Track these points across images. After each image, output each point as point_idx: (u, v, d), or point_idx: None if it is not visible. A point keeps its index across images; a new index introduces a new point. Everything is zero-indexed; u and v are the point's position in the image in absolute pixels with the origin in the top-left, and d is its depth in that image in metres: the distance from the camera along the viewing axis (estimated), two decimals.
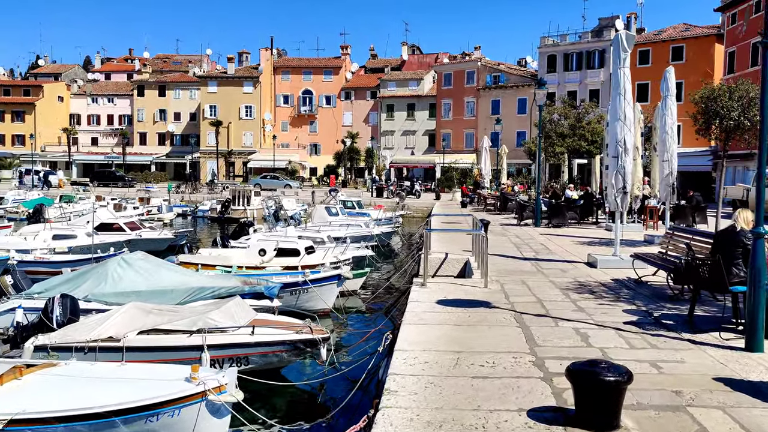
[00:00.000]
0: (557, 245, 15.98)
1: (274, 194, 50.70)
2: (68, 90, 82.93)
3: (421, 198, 49.88)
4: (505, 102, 60.42)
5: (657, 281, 10.35)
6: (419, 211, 43.47)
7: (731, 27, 40.29)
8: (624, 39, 12.06)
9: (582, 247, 15.53)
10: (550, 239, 17.45)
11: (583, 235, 18.60)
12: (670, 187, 16.26)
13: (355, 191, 56.63)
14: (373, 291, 18.55)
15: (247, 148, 74.18)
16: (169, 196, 46.98)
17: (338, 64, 76.71)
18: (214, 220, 41.72)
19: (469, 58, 67.50)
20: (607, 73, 53.30)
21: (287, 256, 18.39)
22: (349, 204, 35.12)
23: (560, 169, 37.71)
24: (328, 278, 14.66)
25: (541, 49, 57.83)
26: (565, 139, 30.84)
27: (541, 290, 9.73)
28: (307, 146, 75.99)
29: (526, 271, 11.89)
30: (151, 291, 12.28)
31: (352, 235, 24.56)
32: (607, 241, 16.79)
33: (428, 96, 70.03)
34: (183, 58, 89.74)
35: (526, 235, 18.72)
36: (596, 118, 31.29)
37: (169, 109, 78.89)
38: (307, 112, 75.93)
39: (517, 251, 14.83)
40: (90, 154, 78.82)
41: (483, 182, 40.28)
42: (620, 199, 12.32)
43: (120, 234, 23.93)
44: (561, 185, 31.11)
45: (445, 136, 64.12)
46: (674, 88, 16.31)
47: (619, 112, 12.16)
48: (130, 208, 38.92)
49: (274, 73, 76.44)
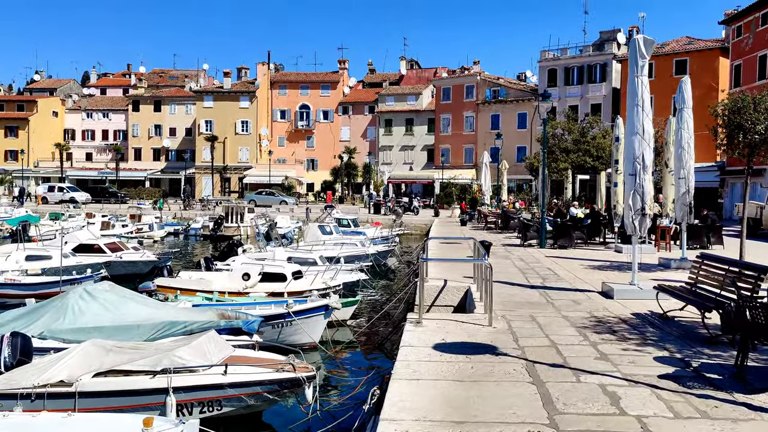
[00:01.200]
0: (565, 270, 14.69)
1: (268, 211, 49.51)
2: (63, 105, 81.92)
3: (420, 214, 48.63)
4: (505, 117, 59.37)
5: (686, 317, 9.06)
6: (417, 228, 42.24)
7: (737, 40, 39.25)
8: (642, 44, 10.86)
9: (593, 273, 14.24)
10: (557, 262, 16.17)
11: (592, 258, 17.32)
12: (687, 206, 15.02)
13: (352, 207, 55.41)
14: (369, 317, 17.24)
15: (243, 163, 73.06)
16: (160, 213, 45.67)
17: (336, 78, 75.81)
18: (206, 238, 40.46)
19: (468, 72, 66.59)
20: (609, 87, 52.31)
21: (273, 281, 17.12)
22: (344, 222, 33.89)
23: (563, 185, 36.52)
24: (314, 309, 13.34)
25: (542, 63, 56.86)
26: (569, 155, 29.63)
27: (554, 329, 8.44)
28: (304, 161, 74.88)
29: (535, 302, 10.59)
30: (116, 327, 10.99)
31: (346, 255, 23.28)
32: (618, 265, 15.52)
33: (427, 111, 69.03)
34: (179, 73, 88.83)
35: (530, 257, 17.43)
36: (601, 133, 30.11)
37: (165, 124, 77.83)
38: (304, 127, 74.91)
39: (522, 277, 13.54)
40: (84, 169, 77.60)
41: (483, 198, 39.06)
42: (639, 221, 11.06)
43: (99, 255, 22.63)
44: (564, 202, 29.88)
45: (444, 152, 63.04)
46: (690, 100, 15.11)
47: (637, 124, 10.92)
48: (118, 226, 37.73)
49: (271, 87, 75.51)
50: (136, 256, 23.71)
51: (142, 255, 23.98)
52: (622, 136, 19.58)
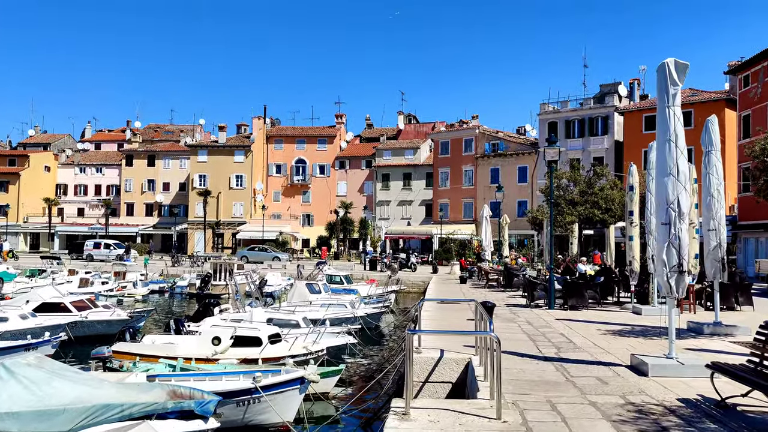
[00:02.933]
0: (582, 336, 12.66)
1: (259, 267, 47.45)
2: (56, 159, 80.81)
3: (418, 271, 46.51)
4: (505, 170, 57.95)
5: (754, 406, 7.03)
6: (415, 285, 40.15)
7: (744, 90, 38.03)
8: (673, 68, 9.16)
9: (614, 340, 12.21)
10: (570, 327, 14.13)
11: (609, 321, 15.29)
12: (719, 262, 13.11)
13: (348, 264, 53.41)
14: (356, 388, 15.09)
15: (237, 218, 71.36)
16: (145, 270, 43.62)
17: (332, 133, 74.87)
18: (192, 297, 38.26)
19: (467, 125, 65.61)
20: (611, 140, 51.07)
21: (246, 346, 15.05)
22: (335, 279, 31.86)
23: (567, 240, 34.62)
24: (287, 383, 11.26)
25: (541, 116, 55.78)
26: (576, 207, 27.86)
27: (582, 424, 6.41)
28: (300, 216, 73.24)
29: (552, 381, 8.55)
30: (35, 412, 8.90)
31: (333, 317, 21.22)
32: (641, 330, 13.51)
33: (425, 165, 67.77)
34: (175, 128, 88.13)
35: (539, 320, 15.39)
36: (609, 183, 28.44)
37: (158, 179, 76.55)
38: (300, 181, 73.55)
39: (532, 345, 11.50)
40: (74, 225, 75.87)
41: (484, 254, 37.14)
42: (676, 280, 9.10)
43: (63, 315, 20.56)
44: (571, 258, 27.94)
45: (443, 206, 61.43)
46: (718, 142, 13.42)
47: (670, 163, 9.11)
48: (98, 283, 35.61)
49: (267, 142, 74.50)
50: (105, 315, 21.63)
51: (112, 314, 21.90)
52: (636, 185, 17.85)
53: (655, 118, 37.59)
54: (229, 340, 15.06)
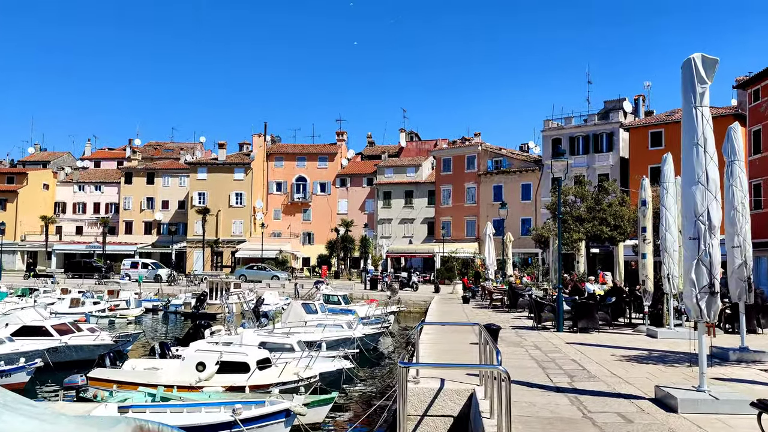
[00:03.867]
0: (596, 363, 11.57)
1: (257, 286, 46.42)
2: (55, 177, 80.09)
3: (419, 290, 45.45)
4: (508, 188, 56.97)
5: None
6: (416, 305, 39.10)
7: (754, 104, 37.10)
8: (700, 65, 8.17)
9: (632, 367, 11.12)
10: (582, 351, 13.05)
11: (622, 344, 14.20)
12: (744, 282, 12.03)
13: (348, 283, 52.36)
14: (350, 417, 14.00)
15: (236, 237, 70.37)
16: (140, 288, 42.57)
17: (333, 150, 74.13)
18: (187, 317, 37.23)
19: (469, 142, 64.77)
20: (616, 156, 50.14)
21: (233, 372, 13.99)
22: (333, 299, 30.79)
23: (573, 258, 33.51)
24: (270, 416, 10.20)
25: (545, 133, 54.90)
26: (583, 224, 26.81)
27: None
28: (300, 235, 72.23)
29: (567, 418, 7.48)
30: None
31: (329, 339, 20.15)
32: (660, 356, 12.42)
33: (427, 183, 66.85)
34: (175, 146, 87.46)
35: (548, 344, 14.30)
36: (617, 199, 27.40)
37: (158, 197, 75.73)
38: (300, 199, 72.67)
39: (542, 374, 10.42)
40: (72, 243, 74.92)
41: (487, 273, 36.06)
42: (706, 302, 8.05)
43: (43, 340, 19.50)
44: (578, 277, 26.82)
45: (445, 224, 60.37)
46: (742, 151, 12.40)
47: (698, 171, 8.11)
48: (89, 303, 34.59)
49: (267, 159, 73.74)
50: (89, 340, 20.56)
51: (95, 338, 20.82)
52: (649, 200, 16.84)
53: (661, 134, 36.77)
54: (215, 366, 14.00)
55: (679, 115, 46.77)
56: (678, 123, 45.49)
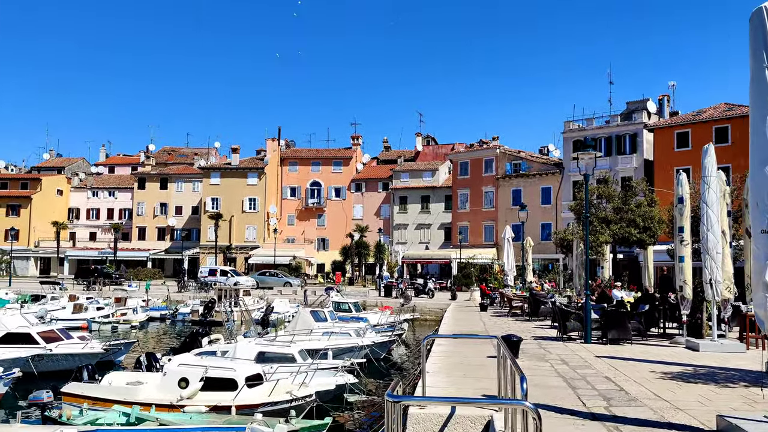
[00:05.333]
0: (634, 381, 9.92)
1: (268, 293, 45.08)
2: (69, 183, 79.62)
3: (435, 297, 43.77)
4: (528, 191, 55.13)
5: None
6: (432, 313, 37.40)
7: None
8: None
9: (677, 387, 9.44)
10: (615, 367, 11.38)
11: (660, 359, 12.51)
12: None
13: (362, 290, 50.80)
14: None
15: (249, 242, 69.22)
16: (147, 295, 41.35)
17: (348, 154, 72.81)
18: (195, 324, 35.85)
19: (487, 145, 63.05)
20: (640, 159, 48.19)
21: (219, 390, 12.48)
22: (343, 306, 29.27)
23: (597, 263, 31.72)
24: None
25: (566, 134, 53.08)
26: (610, 226, 25.04)
27: None
28: (315, 241, 70.95)
29: None
30: None
31: (336, 347, 18.62)
32: (706, 373, 10.74)
33: (444, 187, 65.26)
34: (189, 151, 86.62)
35: (575, 358, 12.65)
36: (646, 200, 25.63)
37: (171, 202, 74.92)
38: (315, 204, 71.44)
39: (572, 395, 8.80)
40: (85, 249, 74.27)
41: (506, 279, 34.34)
42: None
43: (27, 348, 18.18)
44: (604, 283, 25.07)
45: (462, 229, 58.67)
46: None
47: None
48: (92, 309, 33.37)
49: (281, 164, 72.62)
50: (77, 348, 19.21)
51: (84, 346, 19.46)
52: (687, 196, 15.11)
53: (688, 135, 34.35)
54: (199, 382, 12.51)
55: (706, 114, 45.02)
56: (706, 123, 43.48)
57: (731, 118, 42.28)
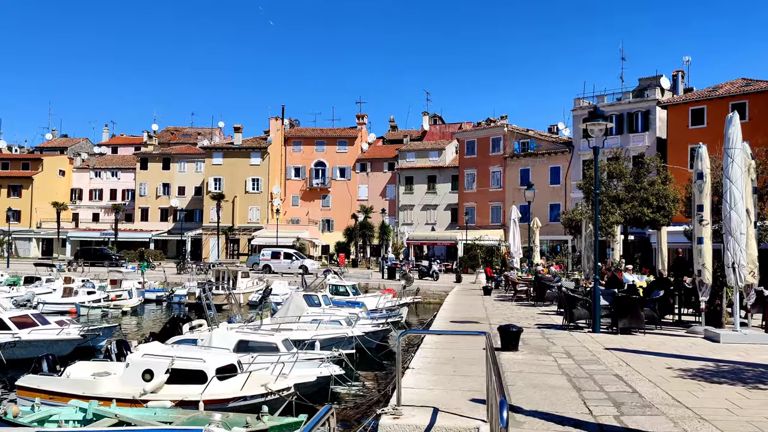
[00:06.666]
0: (648, 380, 8.64)
1: (267, 275, 43.97)
2: (71, 164, 78.64)
3: (440, 280, 42.52)
4: (536, 171, 53.55)
5: None
6: (436, 296, 36.14)
7: None
8: None
9: (699, 388, 8.15)
10: (626, 362, 10.10)
11: (677, 352, 11.22)
12: None
13: (366, 272, 49.61)
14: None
15: (253, 224, 68.05)
16: (143, 277, 40.34)
17: (353, 134, 71.26)
18: (191, 307, 34.81)
19: (495, 124, 61.38)
20: (653, 136, 46.51)
21: (187, 382, 11.31)
22: (341, 290, 28.06)
23: (607, 245, 30.31)
24: None
25: (576, 112, 51.39)
26: (621, 205, 23.59)
27: None
28: (319, 222, 69.71)
29: None
30: None
31: (323, 337, 17.42)
32: (731, 369, 9.48)
33: (450, 167, 63.71)
34: (193, 131, 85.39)
35: (582, 350, 11.36)
36: (660, 177, 24.17)
37: (174, 182, 73.80)
38: (319, 185, 70.09)
39: (577, 399, 7.53)
40: (88, 230, 73.41)
41: (512, 262, 33.05)
42: None
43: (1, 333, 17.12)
44: (614, 266, 23.71)
45: (469, 210, 57.19)
46: None
47: None
48: (82, 293, 32.34)
49: (284, 144, 71.20)
50: (51, 334, 18.11)
51: (60, 332, 18.36)
52: (707, 171, 13.72)
53: (703, 111, 32.25)
54: (165, 374, 11.33)
55: (723, 90, 43.21)
56: (722, 99, 41.76)
57: (749, 93, 40.51)
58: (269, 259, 51.03)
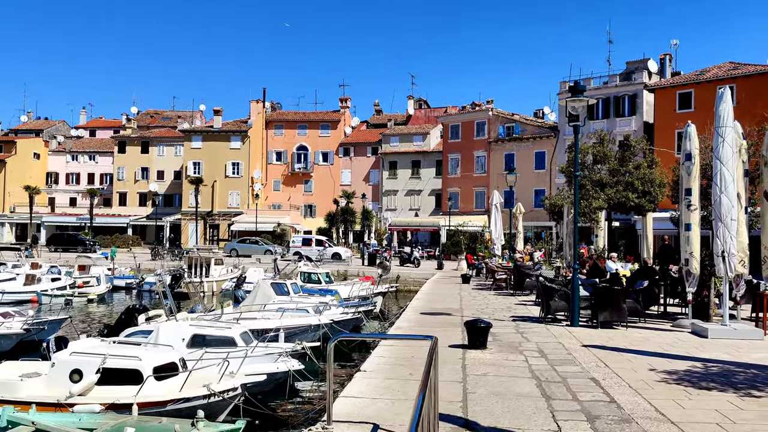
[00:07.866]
0: (628, 386, 7.59)
1: (244, 262, 42.76)
2: (47, 147, 76.68)
3: (421, 267, 41.57)
4: (521, 156, 52.56)
5: None
6: (416, 283, 35.08)
7: None
8: None
9: (685, 395, 7.12)
10: (605, 362, 9.07)
11: (662, 350, 10.20)
12: None
13: (346, 258, 48.48)
14: None
15: (233, 209, 66.69)
16: (113, 264, 39.02)
17: (336, 117, 69.93)
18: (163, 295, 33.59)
19: (479, 108, 60.21)
20: (640, 121, 45.59)
21: (120, 383, 10.15)
22: (314, 277, 26.96)
23: (591, 232, 29.38)
24: None
25: (561, 96, 50.20)
26: (605, 190, 22.61)
27: None
28: (302, 207, 68.52)
29: None
30: None
31: (287, 326, 16.33)
32: (721, 371, 8.45)
33: (435, 152, 62.59)
34: (174, 114, 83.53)
35: (557, 348, 10.32)
36: (646, 161, 23.20)
37: (153, 167, 72.20)
38: (301, 169, 68.80)
39: (545, 410, 6.46)
40: (64, 215, 71.65)
41: (494, 248, 32.05)
42: None
43: None
44: (597, 253, 22.76)
45: (452, 195, 56.14)
46: None
47: None
48: (45, 281, 31.01)
49: (266, 127, 69.73)
50: None
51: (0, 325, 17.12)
52: (696, 152, 12.67)
53: (691, 95, 30.99)
54: (95, 374, 10.17)
55: (710, 73, 42.28)
56: (709, 83, 40.79)
57: (736, 77, 39.60)
58: (300, 246, 49.72)
